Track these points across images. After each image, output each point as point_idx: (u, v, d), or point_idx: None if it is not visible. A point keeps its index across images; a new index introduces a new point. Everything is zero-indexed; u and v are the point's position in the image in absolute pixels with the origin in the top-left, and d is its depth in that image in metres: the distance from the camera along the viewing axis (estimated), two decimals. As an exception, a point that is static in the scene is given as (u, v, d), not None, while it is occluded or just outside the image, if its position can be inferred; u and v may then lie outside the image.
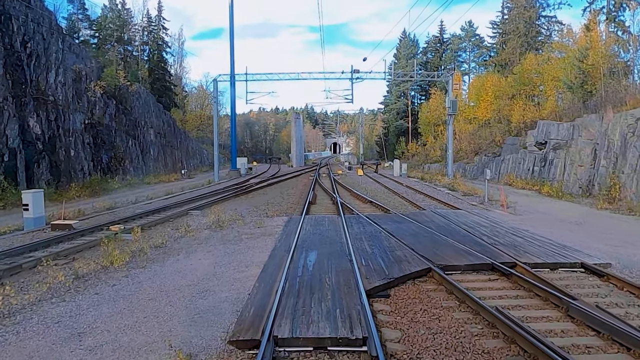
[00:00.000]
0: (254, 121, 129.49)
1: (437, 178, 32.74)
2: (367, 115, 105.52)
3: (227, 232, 12.15)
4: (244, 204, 19.34)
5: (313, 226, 12.83)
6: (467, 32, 64.10)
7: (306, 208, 16.92)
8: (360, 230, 12.17)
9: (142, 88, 39.26)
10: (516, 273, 8.09)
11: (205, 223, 13.51)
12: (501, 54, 52.22)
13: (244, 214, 16.19)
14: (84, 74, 29.47)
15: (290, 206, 18.68)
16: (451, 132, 33.34)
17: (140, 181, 31.87)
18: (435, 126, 55.61)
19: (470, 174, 36.89)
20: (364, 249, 9.87)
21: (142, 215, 15.78)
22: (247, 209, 17.53)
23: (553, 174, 25.54)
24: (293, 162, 59.16)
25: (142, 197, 21.47)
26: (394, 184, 29.32)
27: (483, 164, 35.94)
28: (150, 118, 39.39)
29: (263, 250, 9.96)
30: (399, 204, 19.33)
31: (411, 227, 12.48)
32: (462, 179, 32.44)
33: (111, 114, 31.93)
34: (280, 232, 12.09)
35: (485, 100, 42.08)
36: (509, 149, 33.82)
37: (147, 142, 37.38)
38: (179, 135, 47.75)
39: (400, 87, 68.33)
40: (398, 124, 68.00)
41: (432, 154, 48.66)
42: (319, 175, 37.75)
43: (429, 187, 27.25)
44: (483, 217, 14.63)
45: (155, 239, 11.45)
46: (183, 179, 37.30)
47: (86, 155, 27.27)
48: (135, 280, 7.91)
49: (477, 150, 38.54)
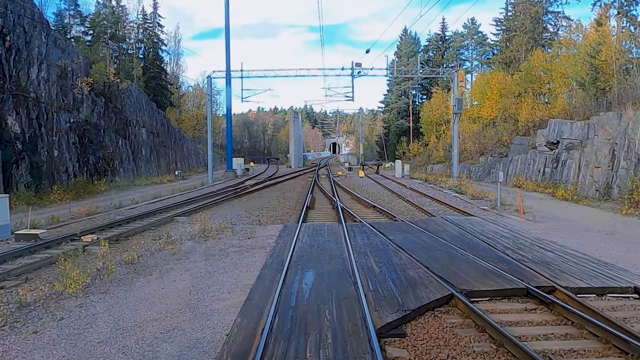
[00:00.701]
0: (252, 121, 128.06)
1: (441, 180, 31.24)
2: (367, 115, 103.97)
3: (213, 244, 10.63)
4: (236, 209, 17.83)
5: (311, 236, 11.32)
6: (470, 30, 62.61)
7: (304, 214, 15.41)
8: (364, 241, 10.66)
9: (134, 85, 37.74)
10: (559, 302, 6.59)
11: (190, 232, 12.00)
12: (505, 51, 50.80)
13: (235, 221, 14.68)
14: (70, 70, 27.94)
15: (286, 211, 17.17)
16: (456, 131, 31.88)
17: (130, 183, 30.34)
18: (438, 126, 54.19)
19: (476, 175, 35.42)
20: (370, 267, 8.36)
21: (122, 222, 14.25)
22: (238, 215, 16.02)
23: (566, 175, 24.06)
24: (291, 163, 57.66)
25: (127, 201, 19.94)
26: (397, 186, 27.82)
27: (489, 164, 34.47)
28: (143, 117, 37.86)
29: (251, 268, 8.45)
30: (405, 209, 17.83)
31: (422, 238, 10.97)
32: (467, 180, 30.96)
33: (100, 112, 30.39)
34: (273, 244, 10.57)
35: (490, 99, 40.62)
36: (516, 149, 32.35)
37: (138, 142, 35.85)
38: (174, 135, 46.23)
39: (401, 85, 66.84)
40: (399, 124, 66.50)
41: (434, 155, 47.18)
42: (317, 176, 36.26)
43: (434, 190, 25.76)
44: (500, 225, 13.12)
45: (129, 252, 9.94)
46: (176, 181, 35.77)
47: (71, 156, 25.73)
48: (90, 312, 6.39)
49: (482, 151, 37.07)
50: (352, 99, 32.18)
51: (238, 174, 39.63)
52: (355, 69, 30.02)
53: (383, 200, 20.74)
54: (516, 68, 43.50)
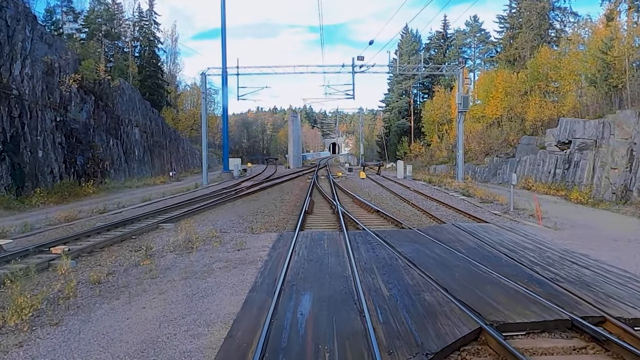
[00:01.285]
0: (251, 121, 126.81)
1: (446, 181, 29.97)
2: (367, 115, 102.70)
3: (196, 258, 9.33)
4: (229, 214, 16.52)
5: (309, 248, 10.03)
6: (472, 27, 61.39)
7: (301, 220, 14.12)
8: (369, 255, 9.36)
9: (126, 83, 36.43)
10: (614, 338, 5.30)
11: (174, 242, 10.69)
12: (509, 49, 49.55)
13: (225, 228, 13.38)
14: (57, 67, 26.62)
15: (282, 217, 15.87)
16: (462, 131, 30.59)
17: (121, 185, 29.05)
18: (440, 125, 52.94)
19: (481, 176, 34.15)
20: (378, 290, 7.06)
21: (101, 230, 12.95)
22: (230, 221, 14.72)
23: (580, 177, 22.78)
24: (290, 163, 56.35)
25: (113, 205, 18.63)
26: (400, 188, 26.53)
27: (495, 165, 33.20)
28: (136, 116, 36.55)
29: (237, 290, 7.16)
30: (411, 213, 16.52)
31: (435, 251, 9.68)
32: (473, 182, 29.67)
33: (89, 110, 29.07)
34: (265, 257, 9.28)
35: (495, 97, 39.34)
36: (524, 149, 31.08)
37: (131, 142, 34.54)
38: (169, 134, 44.92)
39: (402, 84, 65.59)
40: (400, 123, 65.23)
41: (437, 155, 45.89)
42: (317, 177, 34.95)
43: (439, 192, 24.47)
44: (519, 233, 11.83)
45: (100, 268, 8.67)
46: (170, 182, 34.47)
47: (57, 157, 24.41)
48: (29, 354, 5.09)
49: (488, 151, 35.80)
50: (353, 96, 30.90)
51: (235, 175, 38.34)
52: (356, 65, 28.72)
53: (386, 204, 19.44)
54: (521, 66, 42.26)
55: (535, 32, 41.29)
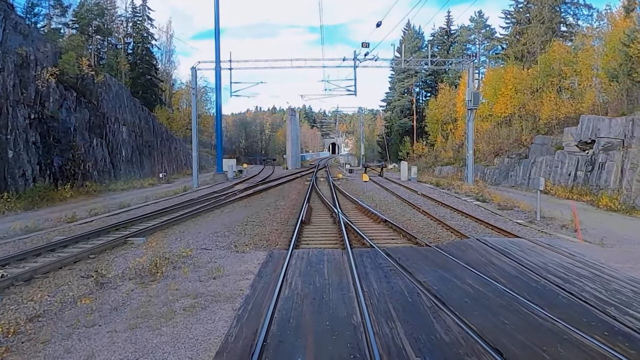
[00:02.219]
0: (249, 121, 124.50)
1: (455, 184, 27.83)
2: (367, 115, 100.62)
3: (158, 291, 7.18)
4: (214, 224, 14.37)
5: (304, 275, 7.89)
6: (477, 23, 59.20)
7: (297, 233, 11.98)
8: (382, 287, 7.21)
9: (113, 79, 34.25)
10: None
11: (136, 266, 8.53)
12: (516, 45, 47.44)
13: (206, 243, 11.24)
14: (33, 59, 24.46)
15: (275, 227, 13.71)
16: (472, 129, 28.45)
17: (104, 188, 26.87)
18: (444, 125, 50.77)
19: (491, 178, 32.02)
20: (400, 352, 4.91)
21: (56, 246, 10.79)
22: (213, 234, 12.57)
23: (605, 180, 20.65)
24: (288, 164, 54.21)
25: (85, 213, 16.46)
26: (406, 192, 24.40)
27: (506, 167, 31.07)
28: (123, 114, 34.37)
29: (200, 350, 5.02)
30: (424, 223, 14.37)
31: (467, 281, 7.53)
32: (484, 184, 27.55)
33: (70, 107, 26.90)
34: (247, 291, 7.13)
35: (504, 95, 37.20)
36: (538, 149, 28.93)
37: (117, 142, 32.36)
38: (161, 134, 42.73)
39: (405, 82, 63.44)
40: (402, 123, 63.03)
41: (442, 156, 43.73)
42: (316, 179, 32.82)
43: (450, 197, 22.34)
44: (562, 252, 9.68)
45: (28, 306, 6.55)
46: (159, 185, 32.31)
47: (30, 158, 22.24)
48: None
49: (497, 152, 33.68)
50: (355, 92, 28.75)
51: (229, 177, 36.21)
52: (358, 59, 26.58)
53: (394, 211, 17.29)
54: (531, 62, 40.16)
55: (546, 25, 39.14)
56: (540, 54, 37.63)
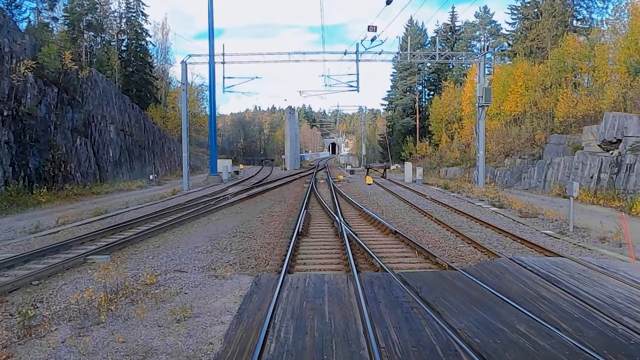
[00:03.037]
0: (247, 120, 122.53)
1: (464, 186, 25.91)
2: (367, 114, 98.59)
3: (94, 346, 5.24)
4: (197, 236, 12.42)
5: (298, 319, 5.94)
6: (482, 19, 57.34)
7: (292, 249, 10.03)
8: (404, 337, 5.25)
9: (100, 75, 32.28)
10: None
11: (82, 300, 6.58)
12: (524, 41, 45.57)
13: (182, 263, 9.30)
14: (7, 51, 22.52)
15: (267, 241, 11.76)
16: (482, 128, 26.49)
17: (86, 191, 24.94)
18: (449, 124, 48.87)
19: (502, 180, 30.07)
20: None
21: (0, 266, 8.85)
22: (193, 250, 10.62)
23: (635, 184, 18.72)
24: (287, 165, 52.24)
25: (51, 221, 14.50)
26: (413, 196, 22.45)
27: (519, 168, 29.12)
28: (111, 112, 32.43)
29: None
30: (440, 235, 12.41)
31: (516, 326, 5.58)
32: (496, 187, 25.61)
33: (50, 104, 24.94)
34: (217, 346, 5.18)
35: (514, 92, 35.27)
36: (553, 149, 27.02)
37: (104, 141, 30.41)
38: (153, 133, 40.78)
39: (407, 80, 61.55)
40: (404, 122, 61.12)
41: (448, 156, 41.77)
42: (315, 181, 30.90)
43: (462, 201, 20.41)
44: (623, 278, 7.72)
45: None
46: (149, 187, 30.37)
47: (3, 158, 20.30)
48: None
49: (508, 152, 31.75)
50: (357, 88, 26.80)
51: (223, 179, 34.25)
52: (361, 52, 24.60)
53: (403, 219, 15.35)
54: (542, 57, 38.25)
55: (558, 19, 37.20)
56: (552, 49, 35.71)
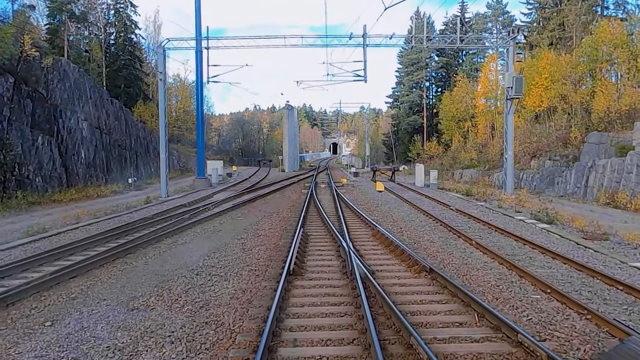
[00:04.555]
0: (246, 120, 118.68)
1: (490, 193, 22.11)
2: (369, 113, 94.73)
3: None
4: (143, 275, 8.64)
5: None
6: (495, 10, 53.44)
7: (276, 311, 6.24)
8: None
9: (70, 65, 28.50)
10: None
11: None
12: (542, 31, 41.82)
13: (94, 337, 5.51)
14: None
15: (242, 287, 7.98)
16: (511, 124, 22.66)
17: (46, 199, 21.22)
18: (460, 121, 45.02)
19: (530, 185, 26.25)
20: None
21: None
22: (124, 305, 6.85)
23: None
24: (285, 166, 48.43)
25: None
26: (433, 206, 18.65)
27: (550, 171, 25.29)
28: (85, 107, 28.66)
29: None
30: (496, 276, 8.56)
31: None
32: (524, 193, 21.80)
33: (3, 96, 21.22)
34: None
35: (538, 86, 31.45)
36: (593, 150, 23.20)
37: (74, 141, 26.64)
38: (136, 132, 36.99)
39: (414, 76, 57.70)
40: (411, 120, 57.25)
41: (462, 157, 37.91)
42: (315, 185, 27.15)
43: (495, 214, 16.61)
44: None
45: None
46: (126, 192, 26.63)
47: None
48: None
49: (535, 153, 27.94)
50: (364, 77, 22.90)
51: (213, 182, 30.46)
52: (369, 35, 20.75)
53: (432, 242, 11.55)
54: (567, 48, 34.47)
55: (588, 4, 33.35)
56: (581, 37, 31.91)
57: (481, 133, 38.73)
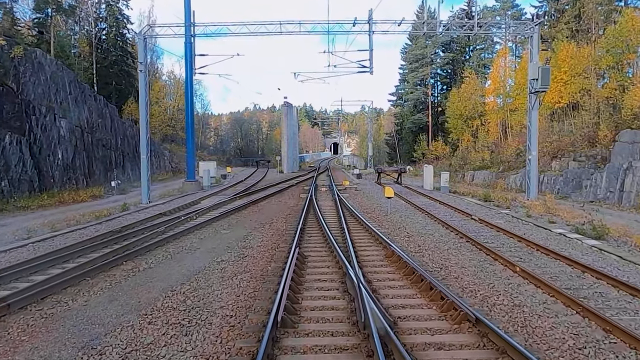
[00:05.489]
0: (245, 119, 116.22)
1: (510, 197, 19.63)
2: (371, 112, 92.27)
3: None
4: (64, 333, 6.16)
5: None
6: (504, 4, 50.96)
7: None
8: None
9: (47, 57, 26.01)
10: None
11: None
12: (555, 24, 39.37)
13: None
14: None
15: (212, 344, 5.51)
16: (536, 121, 20.15)
17: (10, 206, 18.76)
18: (469, 120, 42.50)
19: (551, 188, 23.77)
20: None
21: None
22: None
23: None
24: (284, 167, 45.94)
25: None
26: (452, 215, 16.18)
27: (576, 173, 22.81)
28: (63, 103, 26.20)
29: None
30: (570, 328, 6.08)
31: None
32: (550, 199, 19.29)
33: (-38, 90, 18.80)
34: None
35: (557, 81, 28.96)
36: (626, 149, 20.73)
37: (50, 140, 24.19)
38: (124, 131, 34.53)
39: (419, 72, 55.24)
40: (416, 119, 54.75)
41: (473, 157, 35.37)
42: (315, 189, 24.72)
43: (525, 225, 14.16)
44: None
45: None
46: (108, 197, 24.20)
47: None
48: None
49: (556, 153, 25.46)
50: (370, 68, 20.36)
51: (204, 186, 27.99)
52: (376, 21, 18.22)
53: (461, 266, 9.08)
54: (585, 40, 32.01)
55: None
56: (603, 28, 29.45)
57: (492, 132, 36.26)
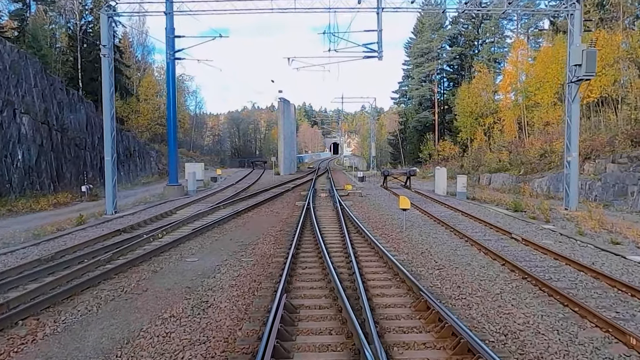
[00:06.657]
0: (242, 118, 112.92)
1: (546, 206, 16.36)
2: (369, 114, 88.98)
3: None
4: None
5: None
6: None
7: None
8: None
9: (6, 45, 22.66)
10: None
11: None
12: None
13: None
14: None
15: None
16: (577, 115, 16.91)
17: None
18: (480, 117, 39.24)
19: (588, 194, 20.51)
20: None
21: None
22: None
23: None
24: (280, 168, 42.67)
25: None
26: (484, 231, 12.93)
27: (618, 178, 19.54)
28: (26, 97, 22.95)
29: None
30: None
31: None
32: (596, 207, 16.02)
33: None
34: None
35: (585, 71, 25.65)
36: (681, 150, 17.43)
37: (9, 139, 20.94)
38: (101, 129, 31.14)
39: (424, 67, 51.99)
40: (421, 117, 51.50)
41: (489, 158, 32.05)
42: (314, 194, 21.52)
43: (584, 248, 10.93)
44: None
45: None
46: (74, 204, 21.00)
47: None
48: None
49: (589, 154, 22.24)
50: (379, 54, 16.99)
51: (188, 191, 24.72)
52: None
53: (539, 332, 5.83)
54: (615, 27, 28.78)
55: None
56: (635, 15, 26.22)
57: (508, 130, 33.06)
